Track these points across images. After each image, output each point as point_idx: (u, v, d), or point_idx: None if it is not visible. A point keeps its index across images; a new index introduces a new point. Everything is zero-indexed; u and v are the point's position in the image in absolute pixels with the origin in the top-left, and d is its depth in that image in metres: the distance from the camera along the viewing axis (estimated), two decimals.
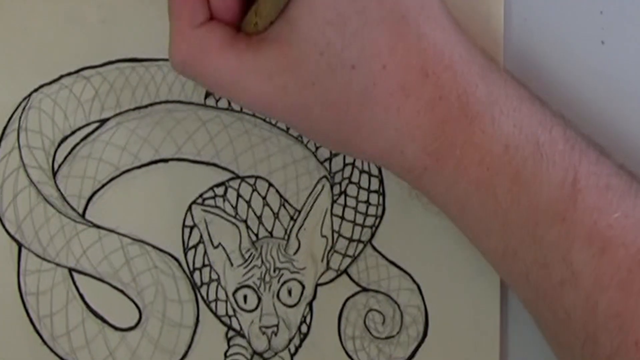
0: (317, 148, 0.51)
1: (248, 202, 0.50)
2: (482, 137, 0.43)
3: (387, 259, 0.51)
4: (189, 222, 0.50)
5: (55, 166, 0.51)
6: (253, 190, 0.51)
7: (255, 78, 0.44)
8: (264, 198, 0.51)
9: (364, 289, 0.51)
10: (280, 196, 0.51)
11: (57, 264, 0.50)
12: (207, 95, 0.51)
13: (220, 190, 0.50)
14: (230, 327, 0.50)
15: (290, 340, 0.50)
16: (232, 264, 0.50)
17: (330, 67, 0.42)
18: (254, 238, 0.50)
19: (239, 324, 0.50)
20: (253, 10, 0.44)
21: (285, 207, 0.51)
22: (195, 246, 0.50)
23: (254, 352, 0.50)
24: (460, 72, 0.43)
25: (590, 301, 0.42)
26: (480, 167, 0.43)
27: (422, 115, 0.43)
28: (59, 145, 0.51)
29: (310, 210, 0.50)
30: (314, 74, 0.43)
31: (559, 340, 0.45)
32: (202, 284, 0.50)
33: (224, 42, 0.44)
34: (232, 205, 0.50)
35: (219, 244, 0.50)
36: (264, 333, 0.50)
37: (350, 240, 0.50)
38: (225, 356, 0.50)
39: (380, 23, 0.42)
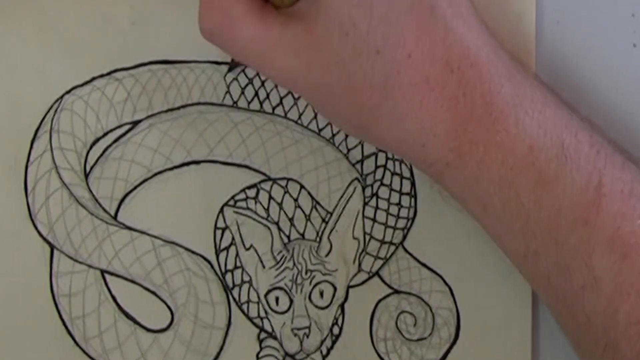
0: (348, 150, 0.51)
1: (280, 204, 0.50)
2: (505, 137, 0.43)
3: (418, 261, 0.51)
4: (220, 224, 0.50)
5: (88, 168, 0.51)
6: (285, 192, 0.51)
7: (281, 51, 0.44)
8: (295, 200, 0.51)
9: (396, 291, 0.51)
10: (312, 198, 0.51)
11: (90, 266, 0.50)
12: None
13: (252, 192, 0.51)
14: (262, 329, 0.50)
15: (322, 342, 0.50)
16: (264, 266, 0.50)
17: (354, 50, 0.42)
18: (285, 240, 0.50)
19: (271, 326, 0.50)
20: None
21: (316, 209, 0.51)
22: (227, 248, 0.50)
23: (286, 354, 0.50)
24: (486, 71, 0.43)
25: (611, 307, 0.42)
26: (503, 166, 0.43)
27: (445, 110, 0.43)
28: (91, 147, 0.51)
29: (342, 212, 0.50)
30: (338, 54, 0.43)
31: (580, 344, 0.45)
32: (234, 285, 0.50)
33: (253, 12, 0.44)
34: (264, 207, 0.50)
35: (251, 245, 0.50)
36: (295, 335, 0.50)
37: (382, 242, 0.50)
38: (257, 358, 0.50)
39: (409, 11, 0.42)
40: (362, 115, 0.44)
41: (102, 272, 0.50)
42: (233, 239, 0.50)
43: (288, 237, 0.50)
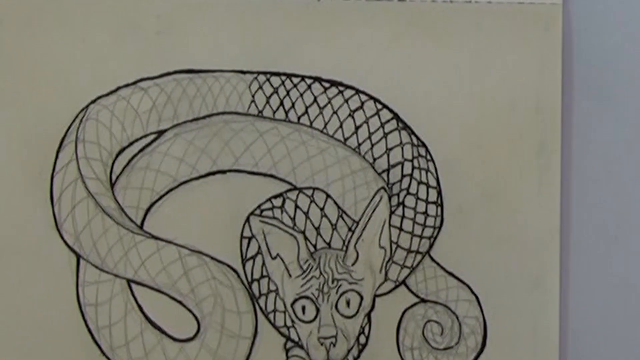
0: (374, 159, 0.51)
1: (306, 214, 0.50)
2: None
3: (445, 270, 0.50)
4: (247, 233, 0.50)
5: (113, 177, 0.51)
6: (311, 202, 0.50)
7: None
8: (322, 209, 0.50)
9: (423, 300, 0.50)
10: (338, 207, 0.50)
11: (116, 275, 0.50)
12: None
13: (278, 202, 0.50)
14: (288, 338, 0.50)
15: (349, 351, 0.50)
16: (290, 275, 0.50)
17: None
18: (312, 249, 0.50)
19: (297, 335, 0.50)
20: None
21: (343, 218, 0.50)
22: (253, 257, 0.50)
23: None
24: None
25: None
26: None
27: None
28: (116, 156, 0.51)
29: (368, 221, 0.50)
30: None
31: None
32: (260, 294, 0.50)
33: None
34: (290, 217, 0.50)
35: (277, 255, 0.50)
36: (322, 344, 0.50)
37: (409, 251, 0.50)
38: None
39: None
40: None
41: (129, 281, 0.50)
42: (259, 248, 0.50)
43: (314, 246, 0.50)
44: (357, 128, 0.51)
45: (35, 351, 0.50)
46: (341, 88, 0.51)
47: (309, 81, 0.51)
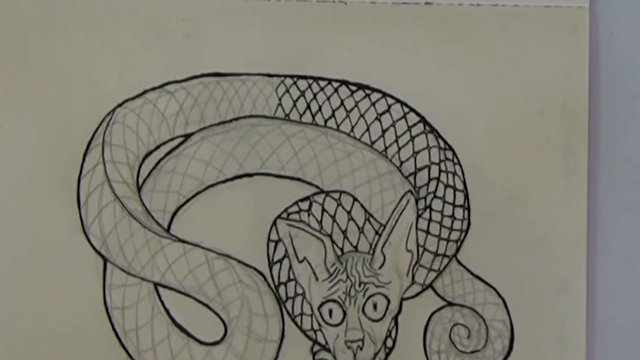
0: (401, 163, 0.51)
1: (333, 217, 0.50)
2: None
3: (472, 273, 0.50)
4: (274, 237, 0.50)
5: (140, 181, 0.51)
6: (338, 205, 0.50)
7: None
8: (348, 212, 0.50)
9: (449, 303, 0.50)
10: (365, 211, 0.50)
11: (143, 279, 0.50)
12: None
13: (305, 205, 0.50)
14: (315, 342, 0.50)
15: (376, 355, 0.50)
16: (317, 279, 0.50)
17: None
18: (339, 252, 0.50)
19: (324, 338, 0.50)
20: None
21: (370, 222, 0.50)
22: (280, 260, 0.50)
23: None
24: None
25: None
26: None
27: None
28: (143, 159, 0.51)
29: (395, 224, 0.50)
30: None
31: None
32: (287, 298, 0.50)
33: None
34: (317, 220, 0.50)
35: (304, 258, 0.50)
36: (349, 347, 0.50)
37: (436, 254, 0.50)
38: None
39: None
40: None
41: (155, 284, 0.50)
42: (286, 251, 0.50)
43: (341, 249, 0.50)
44: (384, 131, 0.51)
45: (63, 354, 0.50)
46: (368, 91, 0.51)
47: (335, 84, 0.51)
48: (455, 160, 0.51)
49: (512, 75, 0.51)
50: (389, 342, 0.50)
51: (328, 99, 0.51)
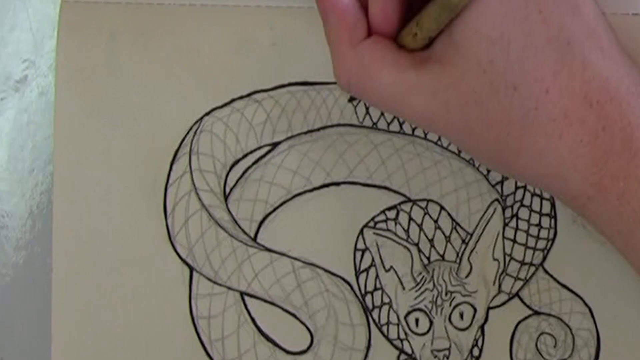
0: (488, 171, 0.51)
1: (420, 226, 0.50)
2: None
3: (558, 282, 0.50)
4: (360, 246, 0.50)
5: (227, 190, 0.50)
6: (425, 214, 0.50)
7: (418, 95, 0.44)
8: (435, 221, 0.51)
9: (536, 312, 0.51)
10: (452, 219, 0.51)
11: (229, 288, 0.50)
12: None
13: (392, 214, 0.50)
14: (402, 351, 0.50)
15: None
16: (403, 288, 0.50)
17: (492, 87, 0.42)
18: (425, 261, 0.50)
19: (411, 348, 0.50)
20: (415, 21, 0.44)
21: (457, 231, 0.51)
22: (367, 269, 0.50)
23: None
24: (625, 104, 0.43)
25: None
26: None
27: (584, 145, 0.43)
28: (230, 168, 0.50)
29: (482, 233, 0.50)
30: (476, 92, 0.43)
31: None
32: (373, 307, 0.50)
33: (386, 58, 0.44)
34: (403, 229, 0.50)
35: (391, 267, 0.50)
36: (435, 356, 0.50)
37: (522, 263, 0.50)
38: None
39: (545, 46, 0.42)
40: (502, 151, 0.44)
41: (242, 294, 0.50)
42: (373, 260, 0.50)
43: (428, 258, 0.50)
44: None
45: None
46: None
47: None
48: None
49: None
50: (476, 351, 0.50)
51: None
